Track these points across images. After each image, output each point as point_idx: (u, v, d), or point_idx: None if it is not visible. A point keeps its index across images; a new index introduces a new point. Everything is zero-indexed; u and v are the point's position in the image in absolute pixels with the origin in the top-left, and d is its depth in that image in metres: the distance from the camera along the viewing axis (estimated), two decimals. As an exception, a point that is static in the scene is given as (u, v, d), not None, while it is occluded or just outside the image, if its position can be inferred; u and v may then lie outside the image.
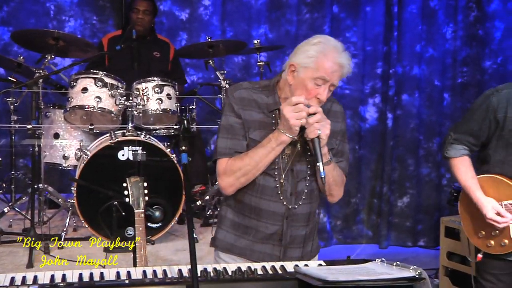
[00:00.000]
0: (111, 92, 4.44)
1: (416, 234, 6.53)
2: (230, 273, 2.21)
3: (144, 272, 2.24)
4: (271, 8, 6.17)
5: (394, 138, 6.40)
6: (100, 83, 4.43)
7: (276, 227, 2.70)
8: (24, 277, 2.13)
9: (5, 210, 4.52)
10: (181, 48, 5.45)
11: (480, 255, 3.32)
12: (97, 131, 4.62)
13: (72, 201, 4.38)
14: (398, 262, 2.25)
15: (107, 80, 4.46)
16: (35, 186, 4.38)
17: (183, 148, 2.31)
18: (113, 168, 4.23)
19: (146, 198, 2.98)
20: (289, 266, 2.34)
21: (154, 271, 2.26)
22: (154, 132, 4.70)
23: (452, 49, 6.45)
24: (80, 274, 2.17)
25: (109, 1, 6.00)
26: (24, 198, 4.63)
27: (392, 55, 6.28)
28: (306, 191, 2.68)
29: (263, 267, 2.32)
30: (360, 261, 2.37)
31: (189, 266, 2.22)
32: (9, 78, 4.65)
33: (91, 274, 2.18)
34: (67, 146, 4.68)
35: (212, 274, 2.23)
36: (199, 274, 2.19)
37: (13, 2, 5.77)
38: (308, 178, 2.68)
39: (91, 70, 4.55)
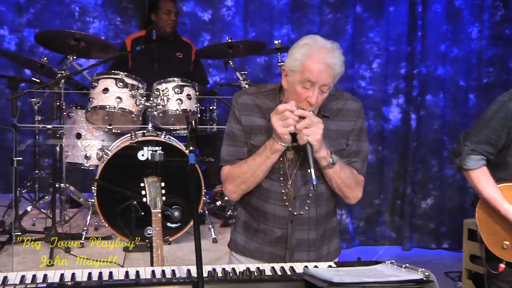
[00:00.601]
0: (131, 92, 4.47)
1: (440, 236, 6.46)
2: (238, 273, 2.23)
3: (153, 272, 2.26)
4: (293, 9, 6.16)
5: (418, 139, 6.34)
6: (121, 84, 4.46)
7: (282, 230, 2.70)
8: (34, 276, 2.17)
9: (28, 209, 4.59)
10: (201, 49, 5.47)
11: (502, 265, 3.24)
12: (118, 131, 4.66)
13: (93, 200, 4.42)
14: (407, 264, 2.24)
15: (128, 80, 4.49)
16: (57, 186, 4.44)
17: (191, 148, 2.33)
18: (132, 168, 4.26)
19: (164, 198, 2.99)
20: (299, 267, 2.34)
21: (163, 271, 2.28)
22: (175, 132, 4.72)
23: (477, 49, 6.37)
24: (90, 273, 2.20)
25: (132, 2, 6.05)
26: (47, 197, 4.69)
27: (416, 55, 6.23)
28: (311, 195, 2.67)
29: (272, 268, 2.33)
30: (370, 263, 2.36)
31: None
32: (33, 79, 4.70)
33: (100, 273, 2.21)
34: (89, 146, 4.73)
35: (220, 274, 2.24)
36: (207, 274, 2.22)
37: (38, 4, 5.85)
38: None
39: (113, 71, 4.60)
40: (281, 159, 2.63)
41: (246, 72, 5.03)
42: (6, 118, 5.46)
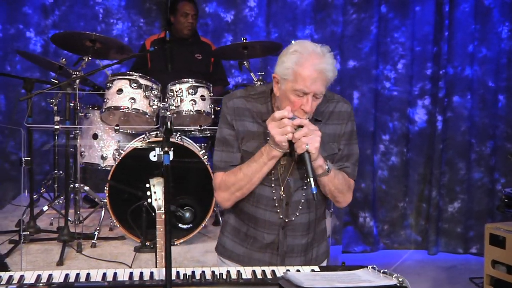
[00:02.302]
0: (145, 93, 4.50)
1: (468, 241, 6.31)
2: (214, 276, 2.21)
3: (141, 273, 2.27)
4: (316, 9, 6.11)
5: (444, 141, 6.21)
6: (135, 85, 4.49)
7: (273, 236, 2.67)
8: (39, 276, 2.20)
9: (44, 208, 4.66)
10: (216, 49, 5.46)
11: None
12: (133, 132, 4.70)
13: (105, 200, 4.46)
14: (385, 270, 2.18)
15: (142, 81, 4.52)
16: (71, 186, 4.50)
17: (165, 149, 2.32)
18: (144, 169, 4.28)
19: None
20: (281, 271, 2.31)
21: (151, 273, 2.29)
22: (190, 133, 4.73)
23: (507, 48, 6.19)
24: (88, 274, 2.23)
25: (156, 4, 6.09)
26: (63, 197, 4.74)
27: (442, 56, 6.09)
28: (303, 201, 2.63)
29: (253, 271, 2.30)
30: (354, 268, 2.31)
31: (196, 269, 2.28)
32: (52, 80, 4.78)
33: (77, 275, 2.23)
34: (105, 147, 4.78)
35: (197, 277, 2.23)
36: (182, 277, 2.22)
37: (64, 6, 5.95)
38: (305, 187, 2.61)
39: (127, 72, 4.63)
40: (274, 164, 2.58)
41: (263, 73, 5.00)
42: (34, 118, 5.58)
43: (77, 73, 4.42)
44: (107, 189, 4.32)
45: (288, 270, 2.29)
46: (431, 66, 6.20)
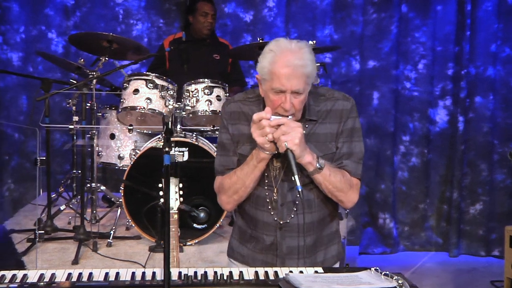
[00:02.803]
0: (161, 93, 4.52)
1: (490, 244, 6.21)
2: (215, 277, 2.22)
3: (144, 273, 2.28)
4: (336, 9, 6.08)
5: (466, 142, 6.12)
6: (151, 85, 4.52)
7: (271, 237, 2.67)
8: (42, 275, 2.23)
9: (61, 208, 4.71)
10: (232, 49, 5.46)
11: None
12: (150, 132, 4.73)
13: (121, 200, 4.49)
14: (387, 272, 2.16)
15: (158, 81, 4.54)
16: (88, 185, 4.54)
17: (166, 149, 2.32)
18: (159, 169, 4.28)
19: (181, 199, 2.99)
20: (284, 272, 2.30)
21: (153, 273, 2.29)
22: (206, 133, 4.74)
23: (532, 48, 6.11)
24: (90, 273, 2.25)
25: (175, 4, 6.12)
26: (79, 197, 4.78)
27: (464, 56, 6.01)
28: (297, 202, 2.61)
29: (256, 272, 2.30)
30: (357, 269, 2.29)
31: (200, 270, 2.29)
32: (71, 80, 4.83)
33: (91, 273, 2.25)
34: (122, 147, 4.82)
35: (199, 278, 2.24)
36: (183, 278, 2.22)
37: (85, 7, 6.00)
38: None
39: (144, 72, 4.66)
40: (268, 166, 2.59)
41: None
42: (54, 118, 5.66)
43: (94, 73, 4.45)
44: (122, 189, 4.35)
45: (291, 272, 2.29)
46: (453, 66, 6.12)
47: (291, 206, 2.62)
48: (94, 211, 4.67)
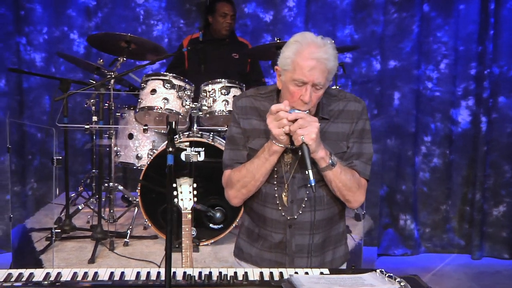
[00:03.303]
0: (178, 93, 4.54)
1: (514, 246, 6.14)
2: (218, 277, 2.23)
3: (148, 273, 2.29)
4: (356, 8, 6.04)
5: (489, 143, 6.03)
6: (168, 85, 4.54)
7: (280, 235, 2.66)
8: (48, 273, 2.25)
9: (80, 207, 4.76)
10: (250, 50, 5.45)
11: None
12: (165, 132, 4.75)
13: (137, 200, 4.52)
14: (391, 274, 2.14)
15: (175, 82, 4.56)
16: (106, 185, 4.58)
17: (170, 149, 2.32)
18: (175, 169, 4.29)
19: (195, 199, 3.00)
20: (290, 273, 2.29)
21: (158, 273, 2.30)
22: (223, 133, 4.75)
23: (557, 47, 5.99)
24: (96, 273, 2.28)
25: (196, 5, 6.13)
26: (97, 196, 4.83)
27: (487, 55, 5.92)
28: (306, 199, 2.61)
29: (261, 273, 2.30)
30: (363, 271, 2.27)
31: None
32: (90, 80, 4.87)
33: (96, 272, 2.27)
34: (140, 147, 4.86)
35: (202, 278, 2.24)
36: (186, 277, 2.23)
37: (106, 8, 6.05)
38: (309, 185, 2.53)
39: (162, 72, 4.68)
40: (278, 162, 2.59)
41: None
42: (75, 118, 5.73)
43: (112, 73, 4.49)
44: (139, 188, 4.37)
45: (296, 273, 2.28)
46: (476, 66, 6.03)
47: (300, 203, 2.62)
48: (112, 211, 4.70)
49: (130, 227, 4.48)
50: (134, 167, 4.86)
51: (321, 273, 2.31)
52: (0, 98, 5.88)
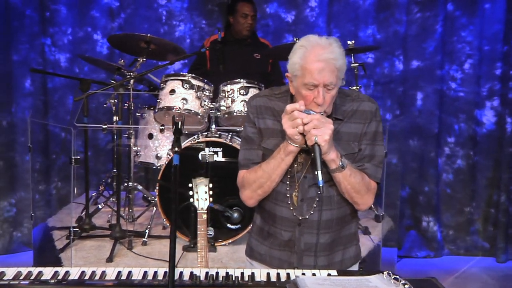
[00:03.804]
0: (197, 94, 4.55)
1: (540, 249, 6.03)
2: (223, 277, 2.23)
3: (145, 272, 2.30)
4: (379, 8, 5.99)
5: (514, 144, 5.95)
6: (187, 85, 4.56)
7: (289, 233, 2.66)
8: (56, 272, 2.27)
9: (99, 206, 4.80)
10: (270, 49, 5.44)
11: None
12: (186, 132, 4.77)
13: (155, 199, 4.54)
14: (397, 276, 2.12)
15: (194, 82, 4.58)
16: (125, 184, 4.61)
17: (176, 149, 2.32)
18: (193, 169, 4.32)
19: (210, 199, 3.00)
20: (298, 274, 2.29)
21: (164, 272, 2.31)
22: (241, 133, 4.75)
23: None
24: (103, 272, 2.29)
25: (217, 5, 6.15)
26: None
27: (513, 55, 5.85)
28: (317, 199, 2.60)
29: (268, 274, 2.29)
30: (372, 273, 2.25)
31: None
32: (111, 81, 4.90)
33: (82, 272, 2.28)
34: (159, 146, 4.88)
35: (208, 278, 2.25)
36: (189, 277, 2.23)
37: (129, 9, 6.10)
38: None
39: (181, 73, 4.70)
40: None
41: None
42: (98, 117, 5.79)
43: (131, 73, 4.52)
44: (157, 188, 4.40)
45: (304, 274, 2.27)
46: (501, 66, 5.93)
47: (311, 202, 2.61)
48: (130, 210, 4.73)
49: (149, 226, 4.51)
50: (154, 167, 4.89)
51: (329, 274, 2.29)
52: (25, 98, 5.98)
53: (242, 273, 2.28)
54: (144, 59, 4.64)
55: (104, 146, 6.04)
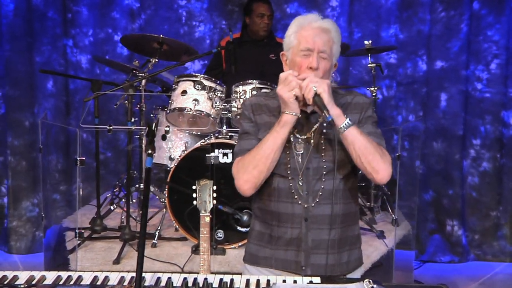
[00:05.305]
0: (209, 95, 4.51)
1: None
2: (202, 285, 2.18)
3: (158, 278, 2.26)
4: (402, 7, 5.86)
5: (543, 146, 5.75)
6: (199, 86, 4.51)
7: (296, 230, 2.59)
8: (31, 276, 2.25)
9: (112, 207, 4.79)
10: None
11: None
12: (199, 133, 4.74)
13: (165, 201, 4.50)
14: (373, 286, 2.02)
15: (206, 83, 4.53)
16: (137, 185, 4.60)
17: (149, 152, 2.27)
18: (202, 171, 4.27)
19: (214, 201, 2.95)
20: (279, 281, 2.22)
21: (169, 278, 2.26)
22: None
23: None
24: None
25: (238, 6, 6.10)
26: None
27: (542, 55, 5.65)
28: (321, 192, 2.55)
29: (247, 280, 2.23)
30: (355, 280, 2.17)
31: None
32: (126, 81, 4.89)
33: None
34: (173, 148, 4.85)
35: (189, 284, 2.20)
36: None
37: (149, 10, 6.10)
38: (323, 179, 2.55)
39: (192, 73, 4.67)
40: (287, 152, 2.57)
41: (333, 74, 4.84)
42: (118, 118, 5.80)
43: (142, 74, 4.51)
44: (167, 190, 4.37)
45: (284, 281, 2.21)
46: (529, 66, 5.76)
47: (315, 194, 2.56)
48: (141, 211, 4.70)
49: (158, 228, 4.48)
50: (168, 168, 4.86)
51: (310, 281, 2.22)
52: (47, 99, 6.04)
53: (221, 279, 2.22)
54: (156, 60, 4.61)
55: (124, 147, 6.05)
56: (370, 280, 2.08)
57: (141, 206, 4.71)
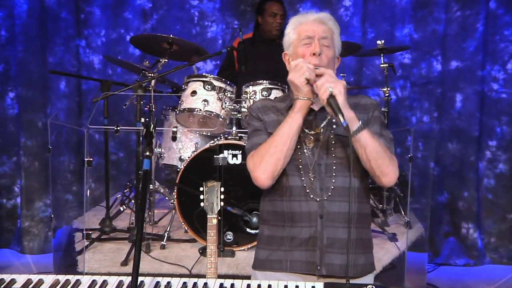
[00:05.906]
0: (219, 95, 4.47)
1: None
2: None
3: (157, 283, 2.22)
4: (416, 7, 5.78)
5: (562, 148, 5.63)
6: (209, 87, 4.48)
7: (312, 229, 2.54)
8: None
9: (121, 209, 4.77)
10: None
11: None
12: (209, 134, 4.70)
13: (174, 203, 4.47)
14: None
15: (216, 83, 4.50)
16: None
17: (147, 153, 2.23)
18: (211, 171, 4.23)
19: (222, 203, 2.92)
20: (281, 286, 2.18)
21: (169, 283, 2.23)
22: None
23: None
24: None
25: (250, 5, 6.05)
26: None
27: (561, 54, 5.54)
28: (333, 187, 2.53)
29: (248, 285, 2.18)
30: (360, 286, 2.12)
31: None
32: (137, 81, 4.87)
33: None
34: (183, 148, 4.82)
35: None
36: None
37: (161, 10, 6.08)
38: (334, 174, 2.53)
39: (203, 74, 4.63)
40: (298, 146, 2.55)
41: (344, 75, 4.81)
42: (130, 119, 5.78)
43: (151, 75, 4.48)
44: (176, 191, 4.33)
45: (286, 286, 2.16)
46: (547, 66, 5.64)
47: (328, 190, 2.54)
48: (150, 213, 4.67)
49: (167, 229, 4.44)
50: (178, 169, 4.82)
51: (313, 287, 2.16)
52: (60, 100, 6.03)
53: (221, 284, 2.18)
54: (166, 60, 4.58)
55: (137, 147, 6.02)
56: (374, 285, 2.03)
57: (149, 207, 4.67)
